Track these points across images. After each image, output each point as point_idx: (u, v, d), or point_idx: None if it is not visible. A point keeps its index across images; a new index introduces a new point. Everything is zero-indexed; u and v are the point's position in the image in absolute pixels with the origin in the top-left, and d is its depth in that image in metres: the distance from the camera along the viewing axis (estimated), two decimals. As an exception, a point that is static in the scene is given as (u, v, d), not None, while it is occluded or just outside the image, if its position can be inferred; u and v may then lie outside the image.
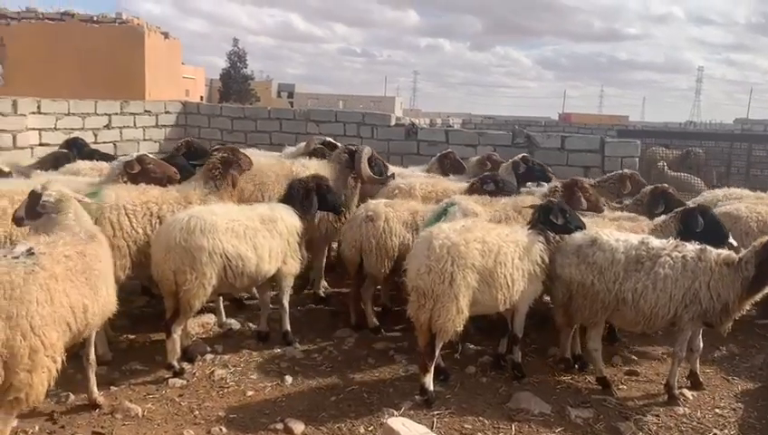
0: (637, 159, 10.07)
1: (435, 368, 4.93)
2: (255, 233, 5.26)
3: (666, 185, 6.93)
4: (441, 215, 5.96)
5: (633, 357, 5.94)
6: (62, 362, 3.78)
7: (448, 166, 8.48)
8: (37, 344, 3.57)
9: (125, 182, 5.75)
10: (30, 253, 3.76)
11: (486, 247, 4.85)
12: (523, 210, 5.89)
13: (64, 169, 7.26)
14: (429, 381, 4.82)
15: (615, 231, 5.41)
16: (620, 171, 7.81)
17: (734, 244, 5.75)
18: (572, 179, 6.65)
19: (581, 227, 5.43)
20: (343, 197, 6.78)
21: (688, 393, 5.19)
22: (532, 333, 6.16)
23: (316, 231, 6.59)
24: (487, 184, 6.24)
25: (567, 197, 6.29)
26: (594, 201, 6.42)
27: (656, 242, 5.16)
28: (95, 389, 4.62)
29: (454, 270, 4.64)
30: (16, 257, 3.69)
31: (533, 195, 6.68)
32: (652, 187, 6.86)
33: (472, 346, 5.92)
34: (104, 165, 7.07)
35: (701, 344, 5.35)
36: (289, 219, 5.60)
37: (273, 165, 7.32)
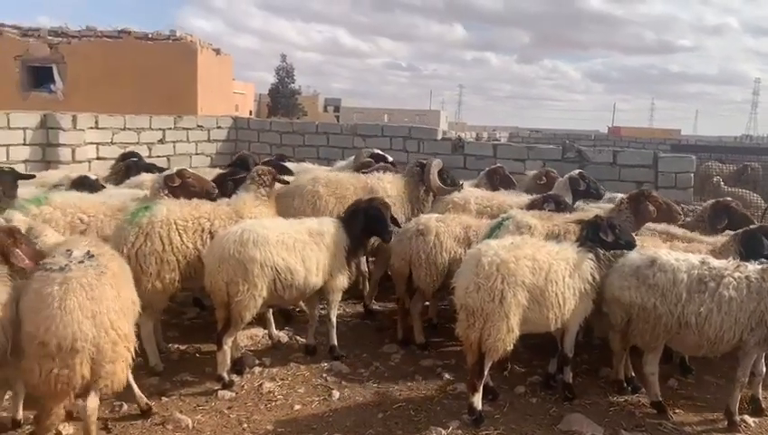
0: (692, 175, 9.76)
1: (483, 387, 4.84)
2: (304, 246, 5.32)
3: (728, 199, 6.67)
4: (496, 228, 5.92)
5: (690, 380, 5.72)
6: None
7: (498, 181, 8.37)
8: (116, 338, 3.90)
9: (166, 195, 5.87)
10: (90, 255, 4.00)
11: (537, 265, 4.76)
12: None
13: (129, 182, 7.57)
14: (478, 400, 4.74)
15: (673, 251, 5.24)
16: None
17: None
18: (640, 190, 6.50)
19: (632, 243, 5.28)
20: (415, 210, 7.11)
21: (750, 420, 4.96)
22: (583, 353, 6.03)
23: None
24: (548, 204, 6.14)
25: (634, 208, 6.15)
26: (666, 210, 6.24)
27: (716, 262, 4.97)
28: (142, 395, 4.74)
29: (504, 288, 4.56)
30: (81, 261, 3.92)
31: (600, 209, 6.58)
32: (713, 201, 6.58)
33: (521, 366, 5.81)
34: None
35: (764, 368, 5.12)
36: (336, 234, 5.63)
37: (351, 178, 7.45)
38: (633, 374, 5.46)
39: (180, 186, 5.98)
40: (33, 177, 7.12)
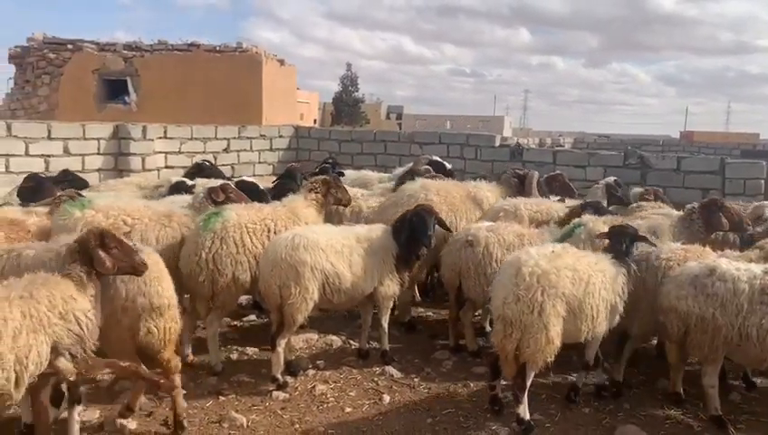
0: (762, 182, 9.36)
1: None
2: (351, 251, 5.43)
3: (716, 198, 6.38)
4: (567, 235, 5.91)
5: (754, 395, 5.50)
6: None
7: (557, 188, 8.28)
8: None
9: (210, 206, 6.00)
10: None
11: (577, 276, 4.68)
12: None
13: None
14: (524, 410, 4.68)
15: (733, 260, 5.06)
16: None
17: None
18: (711, 199, 6.35)
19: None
20: None
21: (817, 437, 4.73)
22: (640, 364, 5.89)
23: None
24: (588, 210, 6.04)
25: (706, 217, 6.04)
26: (737, 221, 6.07)
27: None
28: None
29: (544, 300, 4.47)
30: None
31: (670, 216, 6.51)
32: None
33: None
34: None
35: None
36: (384, 240, 5.71)
37: (455, 186, 7.58)
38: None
39: (224, 201, 6.14)
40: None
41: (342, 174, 8.93)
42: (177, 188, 7.59)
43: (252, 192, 6.78)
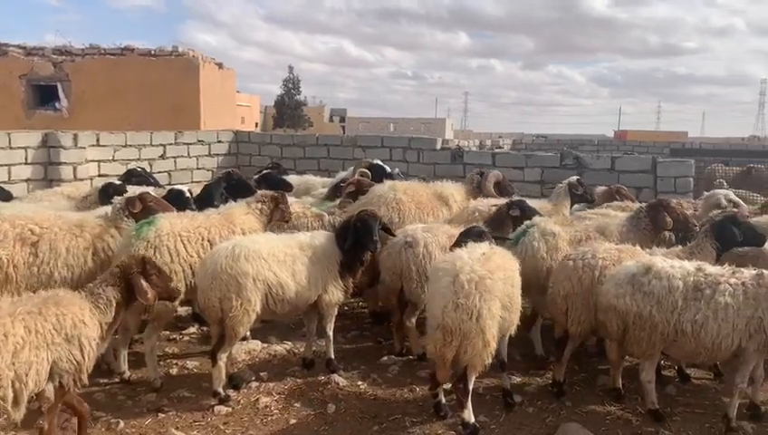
0: (691, 179, 9.75)
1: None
2: (294, 260, 5.33)
3: (735, 211, 6.60)
4: (521, 235, 6.01)
5: (689, 387, 5.69)
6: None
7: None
8: None
9: (126, 217, 5.84)
10: None
11: (506, 274, 4.82)
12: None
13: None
14: (469, 414, 4.71)
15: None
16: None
17: None
18: (658, 200, 6.53)
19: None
20: None
21: (748, 426, 4.91)
22: (578, 361, 6.02)
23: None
24: (513, 209, 6.13)
25: (652, 217, 6.22)
26: (682, 220, 6.26)
27: (712, 268, 4.94)
28: None
29: (481, 305, 4.49)
30: None
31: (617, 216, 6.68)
32: (721, 215, 6.14)
33: (518, 375, 5.80)
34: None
35: (762, 374, 5.09)
36: (328, 247, 5.63)
37: (422, 186, 7.85)
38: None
39: (142, 211, 5.92)
40: None
41: (289, 186, 8.84)
42: (106, 192, 7.30)
43: (176, 200, 6.63)
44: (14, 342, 3.50)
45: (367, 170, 8.57)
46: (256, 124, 51.05)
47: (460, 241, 5.20)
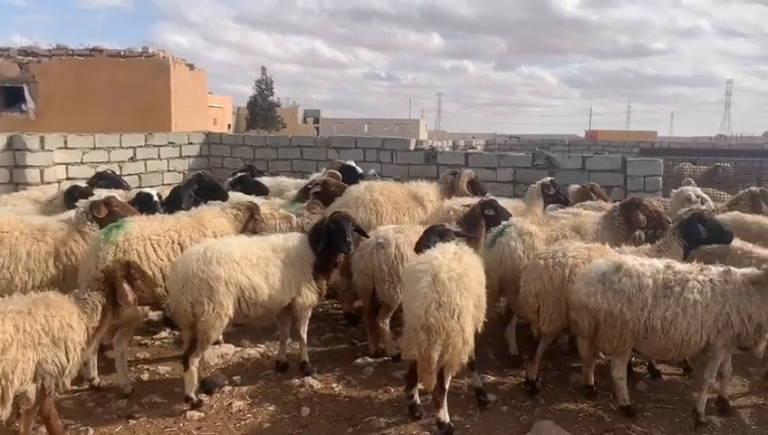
0: (660, 178, 9.90)
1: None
2: (267, 263, 5.28)
3: (702, 209, 6.72)
4: (498, 236, 6.05)
5: (659, 383, 5.77)
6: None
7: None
8: None
9: (90, 222, 5.76)
10: None
11: (478, 272, 4.88)
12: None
13: None
14: (444, 414, 4.71)
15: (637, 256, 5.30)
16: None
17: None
18: (632, 198, 6.61)
19: None
20: None
21: (716, 420, 5.01)
22: (552, 360, 6.08)
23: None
24: (489, 209, 6.17)
25: (626, 216, 6.31)
26: (655, 217, 6.33)
27: (681, 266, 5.02)
28: None
29: (461, 303, 4.51)
30: None
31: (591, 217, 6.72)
32: (688, 213, 6.17)
33: (492, 374, 5.83)
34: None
35: (731, 369, 5.19)
36: (301, 249, 5.59)
37: (398, 187, 7.94)
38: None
39: (108, 215, 5.84)
40: None
41: (265, 189, 8.78)
42: (71, 195, 7.17)
43: (144, 204, 6.53)
44: (2, 339, 3.55)
45: (336, 171, 8.57)
46: (229, 126, 50.54)
47: (424, 240, 5.21)
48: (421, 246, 5.18)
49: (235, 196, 7.54)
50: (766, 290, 4.71)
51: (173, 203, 7.07)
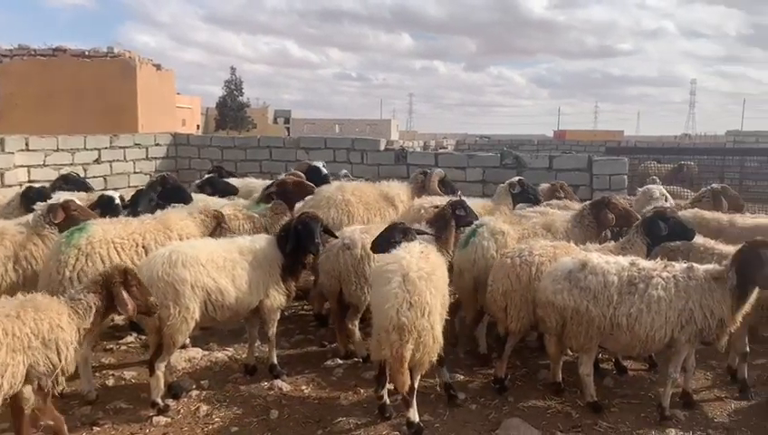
0: (625, 177, 10.07)
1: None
2: (234, 265, 5.22)
3: (665, 207, 6.84)
4: (471, 235, 6.07)
5: (625, 379, 5.86)
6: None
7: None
8: None
9: (48, 225, 5.66)
10: None
11: (442, 271, 4.91)
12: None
13: None
14: (414, 413, 4.70)
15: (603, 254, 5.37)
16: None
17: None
18: (602, 198, 6.70)
19: None
20: None
21: (680, 414, 5.10)
22: (520, 357, 6.12)
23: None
24: (459, 209, 6.19)
25: (596, 215, 6.38)
26: (623, 215, 6.41)
27: (645, 263, 5.10)
28: None
29: (432, 302, 4.52)
30: None
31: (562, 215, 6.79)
32: (651, 211, 6.33)
33: (461, 373, 5.86)
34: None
35: (694, 363, 5.30)
36: (269, 251, 5.52)
37: (370, 187, 7.98)
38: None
39: (66, 219, 5.73)
40: None
41: (235, 190, 8.69)
42: (27, 196, 7.04)
43: (105, 207, 6.42)
44: None
45: (299, 171, 8.58)
46: (198, 126, 50.10)
47: (380, 240, 5.25)
48: (377, 245, 5.22)
49: (199, 198, 7.48)
50: (727, 286, 4.81)
51: (136, 206, 6.96)
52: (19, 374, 3.73)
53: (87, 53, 21.37)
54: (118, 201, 6.70)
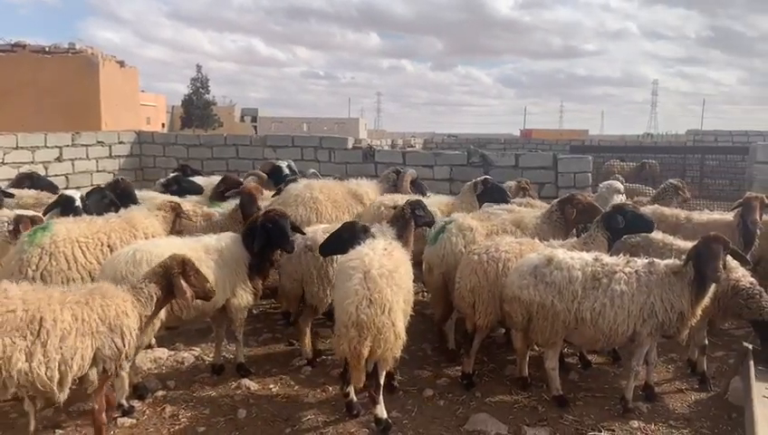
0: (589, 175, 10.26)
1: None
2: (200, 264, 5.14)
3: (624, 202, 6.99)
4: (440, 232, 6.09)
5: (590, 373, 5.96)
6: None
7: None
8: None
9: (9, 233, 5.64)
10: None
11: (406, 268, 4.94)
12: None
13: None
14: (381, 410, 4.72)
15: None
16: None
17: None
18: (568, 195, 6.80)
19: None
20: None
21: (643, 406, 5.22)
22: (488, 353, 6.19)
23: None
24: (418, 210, 6.21)
25: (562, 211, 6.50)
26: (585, 209, 6.48)
27: (608, 259, 5.20)
28: None
29: (392, 299, 4.53)
30: None
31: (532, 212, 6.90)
32: (610, 206, 6.52)
33: (429, 369, 5.89)
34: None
35: (656, 356, 5.43)
36: (235, 250, 5.47)
37: (338, 184, 8.00)
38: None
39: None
40: None
41: (200, 188, 8.59)
42: None
43: (65, 207, 6.30)
44: (61, 328, 3.79)
45: (261, 172, 8.56)
46: (163, 124, 49.40)
47: (334, 238, 5.33)
48: (326, 246, 5.35)
49: (149, 195, 7.40)
50: (686, 280, 4.93)
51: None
52: (87, 357, 3.94)
53: (48, 48, 20.84)
54: (78, 202, 6.54)
